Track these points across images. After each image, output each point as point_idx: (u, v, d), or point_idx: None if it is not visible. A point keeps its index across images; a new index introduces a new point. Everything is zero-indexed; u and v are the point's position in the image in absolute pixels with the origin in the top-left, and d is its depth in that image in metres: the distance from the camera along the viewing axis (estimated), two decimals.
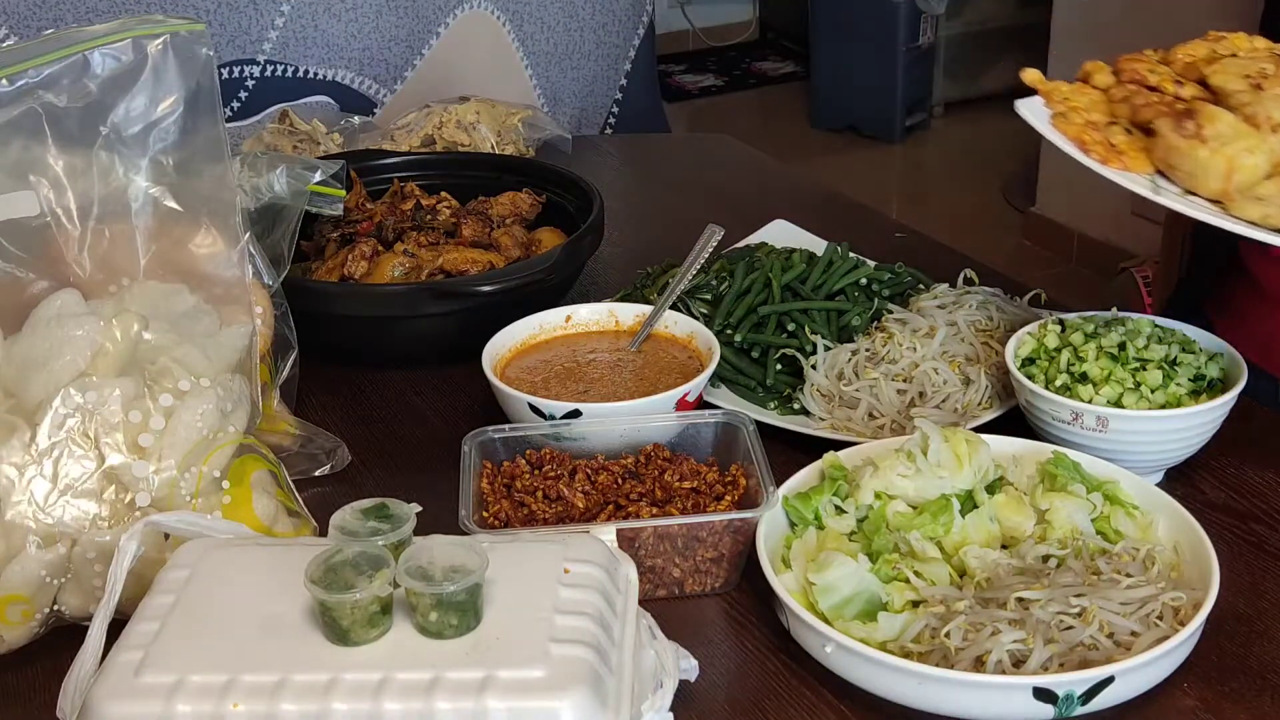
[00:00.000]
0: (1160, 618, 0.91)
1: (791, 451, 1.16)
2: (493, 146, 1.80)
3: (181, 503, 0.98)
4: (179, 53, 1.03)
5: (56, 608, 0.98)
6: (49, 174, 1.01)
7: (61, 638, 0.98)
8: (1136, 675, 0.88)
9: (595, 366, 1.23)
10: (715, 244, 1.32)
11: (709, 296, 1.34)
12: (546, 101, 2.17)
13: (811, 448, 1.14)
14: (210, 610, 0.84)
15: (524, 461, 1.08)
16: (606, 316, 1.29)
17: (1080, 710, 0.88)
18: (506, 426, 1.10)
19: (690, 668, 0.90)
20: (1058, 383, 1.12)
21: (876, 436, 1.18)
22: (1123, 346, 1.13)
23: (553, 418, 1.12)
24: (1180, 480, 1.14)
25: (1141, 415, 1.09)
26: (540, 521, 1.03)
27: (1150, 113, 1.08)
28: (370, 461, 1.22)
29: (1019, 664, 0.88)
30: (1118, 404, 1.10)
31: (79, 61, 1.00)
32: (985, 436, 1.05)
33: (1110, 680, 0.87)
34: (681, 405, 1.15)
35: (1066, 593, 0.91)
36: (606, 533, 0.97)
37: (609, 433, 1.10)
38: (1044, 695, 0.86)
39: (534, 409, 1.13)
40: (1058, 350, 1.15)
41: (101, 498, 0.97)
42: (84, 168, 1.02)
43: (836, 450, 1.08)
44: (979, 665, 0.88)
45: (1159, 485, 1.09)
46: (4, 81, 0.98)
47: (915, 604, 0.94)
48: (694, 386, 1.16)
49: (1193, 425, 1.10)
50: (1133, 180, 1.07)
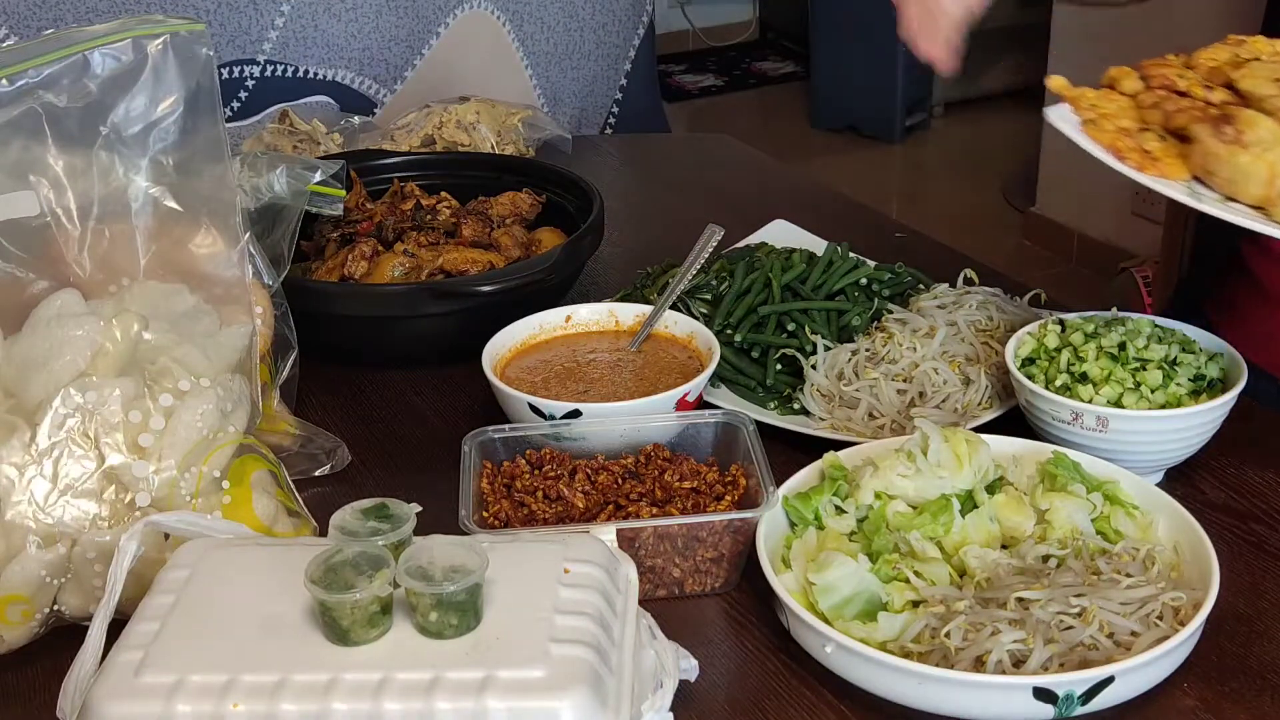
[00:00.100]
0: (1160, 618, 0.91)
1: (791, 451, 1.16)
2: (493, 146, 1.80)
3: (181, 503, 0.98)
4: (179, 53, 1.03)
5: (56, 608, 0.98)
6: (49, 174, 1.01)
7: (61, 638, 0.97)
8: (1136, 675, 0.88)
9: (595, 366, 1.23)
10: (715, 244, 1.32)
11: (709, 296, 1.34)
12: (546, 101, 2.17)
13: (811, 448, 1.14)
14: (210, 610, 0.84)
15: (524, 461, 1.08)
16: (606, 316, 1.29)
17: (1080, 710, 0.88)
18: (506, 426, 1.10)
19: (690, 668, 0.90)
20: (1058, 383, 1.12)
21: (876, 436, 1.18)
22: (1123, 346, 1.12)
23: (553, 418, 1.12)
24: (1180, 480, 1.14)
25: (1141, 415, 1.09)
26: (540, 521, 1.03)
27: (1184, 118, 1.07)
28: (370, 461, 1.22)
29: (1019, 664, 0.88)
30: (1118, 404, 1.10)
31: (79, 61, 1.00)
32: (985, 436, 1.05)
33: (1110, 680, 0.87)
34: (681, 405, 1.15)
35: (1066, 593, 0.91)
36: (606, 533, 0.97)
37: (609, 433, 1.10)
38: (1044, 695, 0.86)
39: (534, 409, 1.13)
40: (1058, 350, 1.15)
41: (101, 498, 0.97)
42: (84, 168, 1.02)
43: (836, 450, 1.08)
44: (979, 665, 0.88)
45: (1159, 485, 1.09)
46: (4, 81, 0.98)
47: (915, 604, 0.94)
48: (694, 386, 1.16)
49: (1193, 425, 1.10)
50: (1171, 187, 1.05)
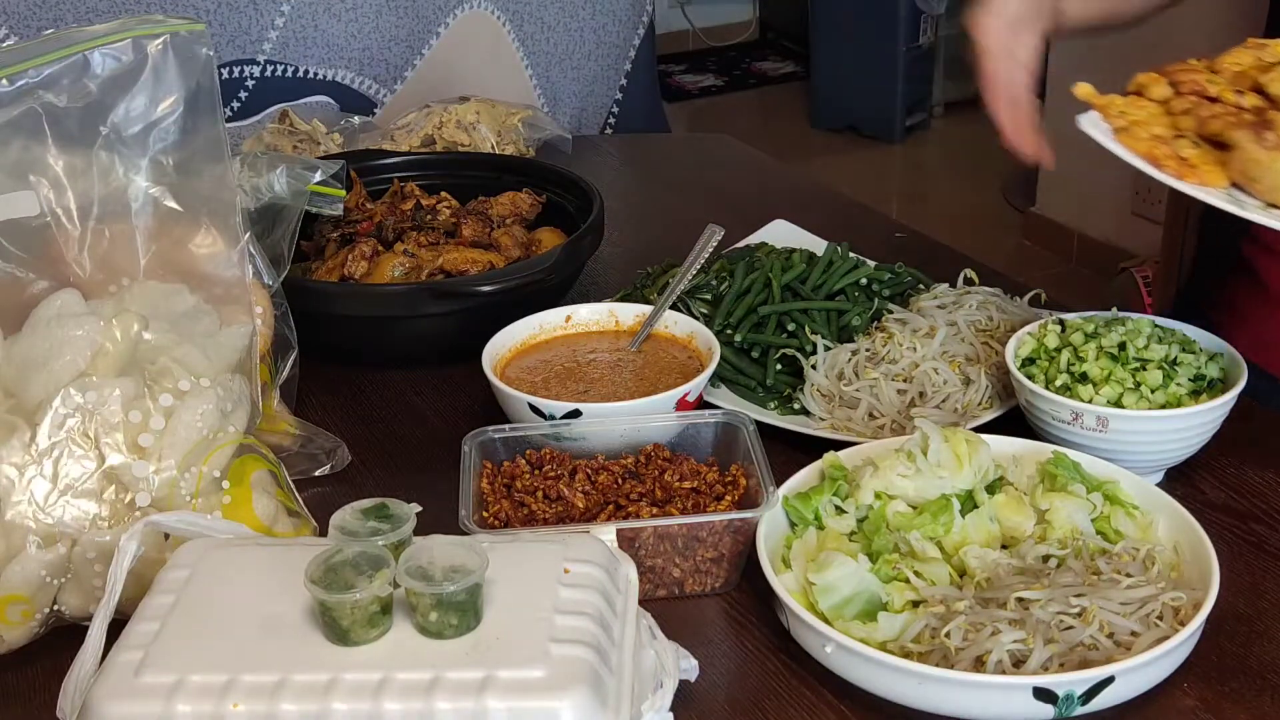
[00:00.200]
0: (1160, 618, 0.91)
1: (791, 451, 1.16)
2: (493, 146, 1.79)
3: (181, 503, 0.98)
4: (179, 53, 1.03)
5: (56, 608, 0.98)
6: (49, 174, 1.01)
7: (61, 638, 0.97)
8: (1136, 675, 0.88)
9: (595, 366, 1.23)
10: (715, 244, 1.32)
11: (709, 296, 1.34)
12: (546, 101, 2.17)
13: (811, 448, 1.14)
14: (210, 610, 0.84)
15: (524, 461, 1.08)
16: (606, 316, 1.29)
17: (1080, 710, 0.88)
18: (506, 426, 1.10)
19: (690, 668, 0.90)
20: (1058, 383, 1.12)
21: (876, 436, 1.18)
22: (1123, 346, 1.12)
23: (553, 418, 1.12)
24: (1180, 480, 1.14)
25: (1141, 415, 1.09)
26: (540, 521, 1.03)
27: (1219, 125, 1.05)
28: (370, 461, 1.22)
29: (1019, 664, 0.88)
30: (1118, 404, 1.10)
31: (79, 61, 1.00)
32: (985, 436, 1.05)
33: (1110, 680, 0.87)
34: (681, 405, 1.15)
35: (1066, 593, 0.91)
36: (606, 533, 0.97)
37: (609, 433, 1.10)
38: (1044, 695, 0.86)
39: (534, 409, 1.13)
40: (1058, 350, 1.15)
41: (101, 498, 0.97)
42: (84, 168, 1.01)
43: (836, 450, 1.08)
44: (979, 665, 0.88)
45: (1159, 485, 1.09)
46: (4, 81, 0.98)
47: (915, 604, 0.94)
48: (694, 386, 1.16)
49: (1193, 425, 1.10)
50: (1211, 194, 1.03)
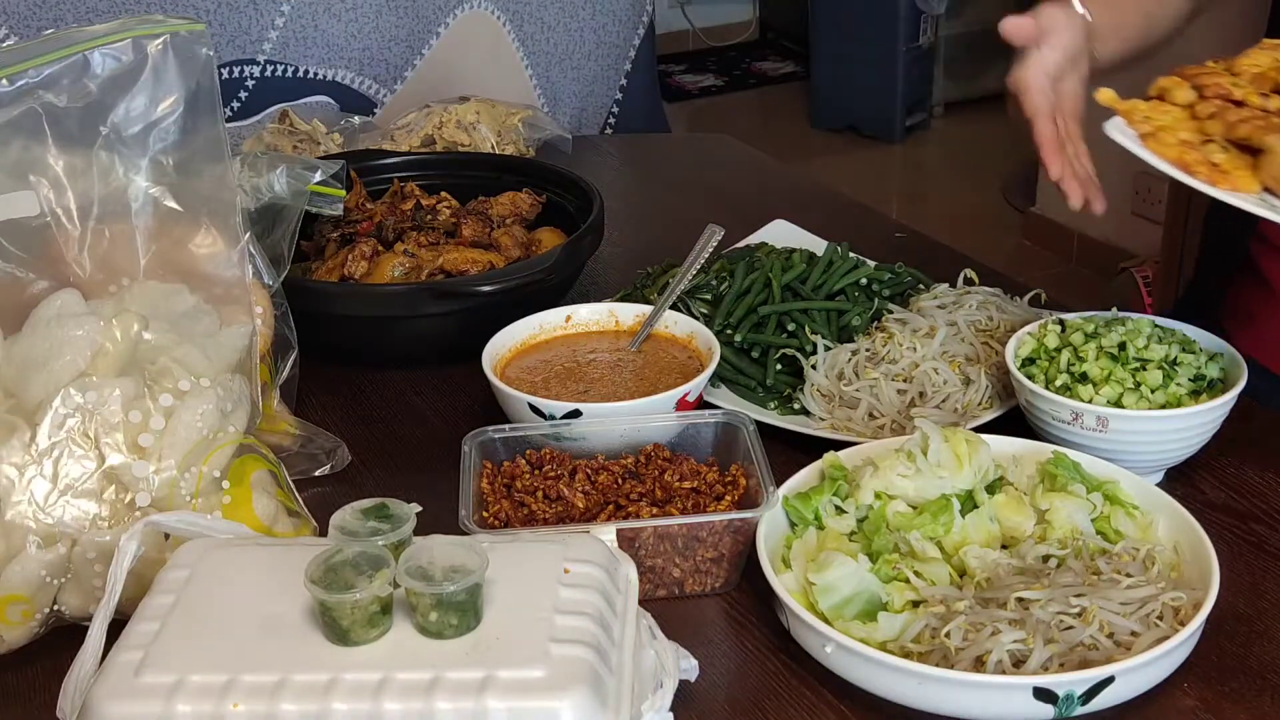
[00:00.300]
0: (1160, 618, 0.91)
1: (791, 451, 1.16)
2: (493, 146, 1.79)
3: (181, 503, 0.98)
4: (179, 53, 1.03)
5: (56, 608, 0.98)
6: (49, 174, 1.01)
7: (61, 638, 0.97)
8: (1136, 675, 0.88)
9: (595, 366, 1.23)
10: (715, 244, 1.32)
11: (709, 296, 1.34)
12: (546, 101, 2.17)
13: (811, 448, 1.14)
14: (210, 610, 0.84)
15: (524, 461, 1.08)
16: (606, 316, 1.29)
17: (1080, 710, 0.88)
18: (506, 426, 1.10)
19: (690, 668, 0.90)
20: (1058, 383, 1.12)
21: (876, 436, 1.18)
22: (1123, 346, 1.12)
23: (553, 418, 1.12)
24: (1180, 480, 1.14)
25: (1141, 415, 1.09)
26: (540, 521, 1.03)
27: (1248, 129, 1.04)
28: (370, 461, 1.22)
29: (1019, 664, 0.88)
30: (1118, 404, 1.10)
31: (79, 61, 1.00)
32: (985, 436, 1.05)
33: (1110, 680, 0.87)
34: (681, 405, 1.15)
35: (1066, 593, 0.91)
36: (606, 533, 0.97)
37: (609, 433, 1.10)
38: (1044, 695, 0.86)
39: (534, 409, 1.13)
40: (1058, 350, 1.15)
41: (101, 498, 0.97)
42: (84, 168, 1.02)
43: (836, 450, 1.08)
44: (979, 665, 0.88)
45: (1159, 485, 1.09)
46: (4, 81, 0.98)
47: (915, 604, 0.94)
48: (694, 386, 1.16)
49: (1193, 425, 1.10)
50: (1244, 200, 1.03)
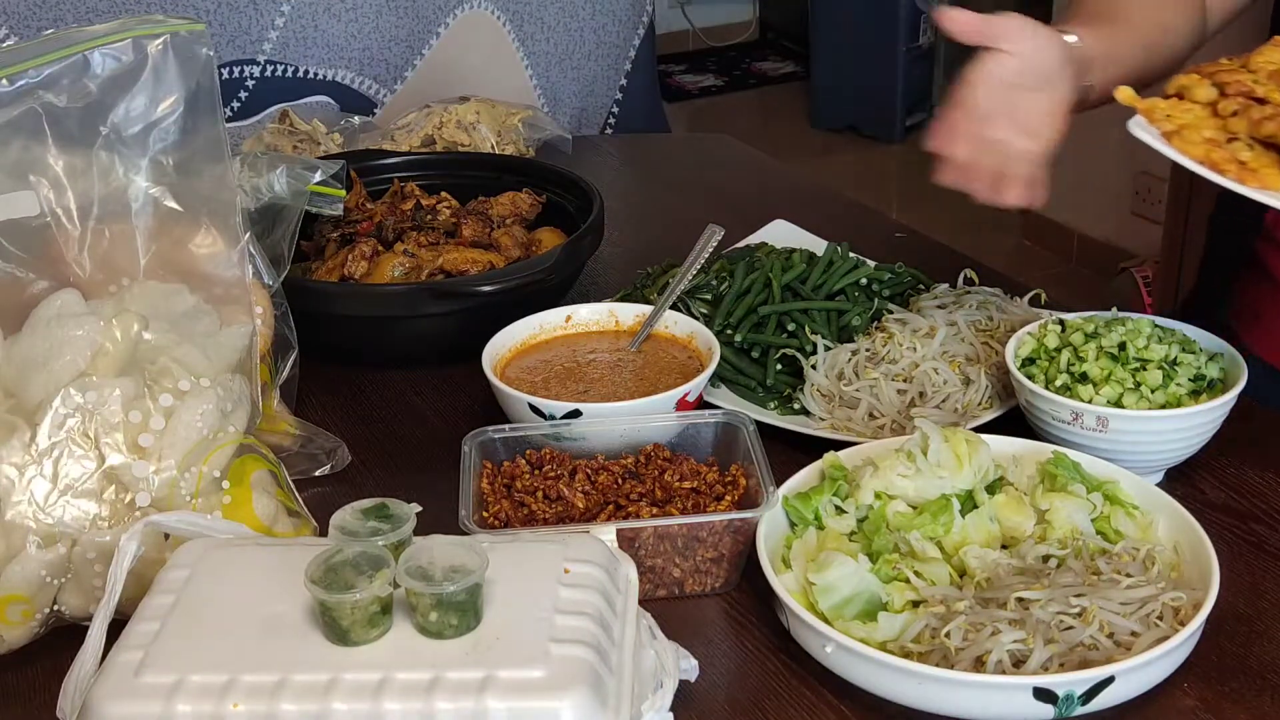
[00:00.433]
0: (1160, 618, 0.91)
1: (791, 451, 1.16)
2: (493, 146, 1.79)
3: (181, 503, 0.98)
4: (179, 53, 1.03)
5: (56, 608, 0.98)
6: (49, 174, 1.01)
7: (61, 638, 0.97)
8: (1136, 675, 0.88)
9: (595, 366, 1.23)
10: (715, 244, 1.32)
11: (709, 296, 1.34)
12: (546, 101, 2.17)
13: (811, 448, 1.14)
14: (210, 610, 0.84)
15: (524, 461, 1.08)
16: (606, 316, 1.29)
17: (1080, 710, 0.88)
18: (506, 426, 1.10)
19: (690, 668, 0.90)
20: (1058, 383, 1.12)
21: (876, 436, 1.18)
22: (1123, 346, 1.12)
23: (553, 418, 1.12)
24: (1180, 480, 1.14)
25: (1141, 415, 1.09)
26: (540, 521, 1.03)
27: (1273, 126, 1.04)
28: (370, 461, 1.22)
29: (1019, 664, 0.88)
30: (1118, 404, 1.10)
31: (79, 61, 1.00)
32: (985, 436, 1.05)
33: (1110, 680, 0.87)
34: (681, 405, 1.15)
35: (1066, 593, 0.91)
36: (606, 533, 0.97)
37: (609, 433, 1.10)
38: (1044, 695, 0.86)
39: (534, 409, 1.13)
40: (1058, 350, 1.15)
41: (101, 498, 0.97)
42: (84, 168, 1.01)
43: (836, 450, 1.08)
44: (979, 665, 0.88)
45: (1159, 485, 1.09)
46: (4, 81, 0.98)
47: (915, 604, 0.94)
48: (694, 386, 1.16)
49: (1193, 425, 1.10)
50: (1274, 198, 1.02)
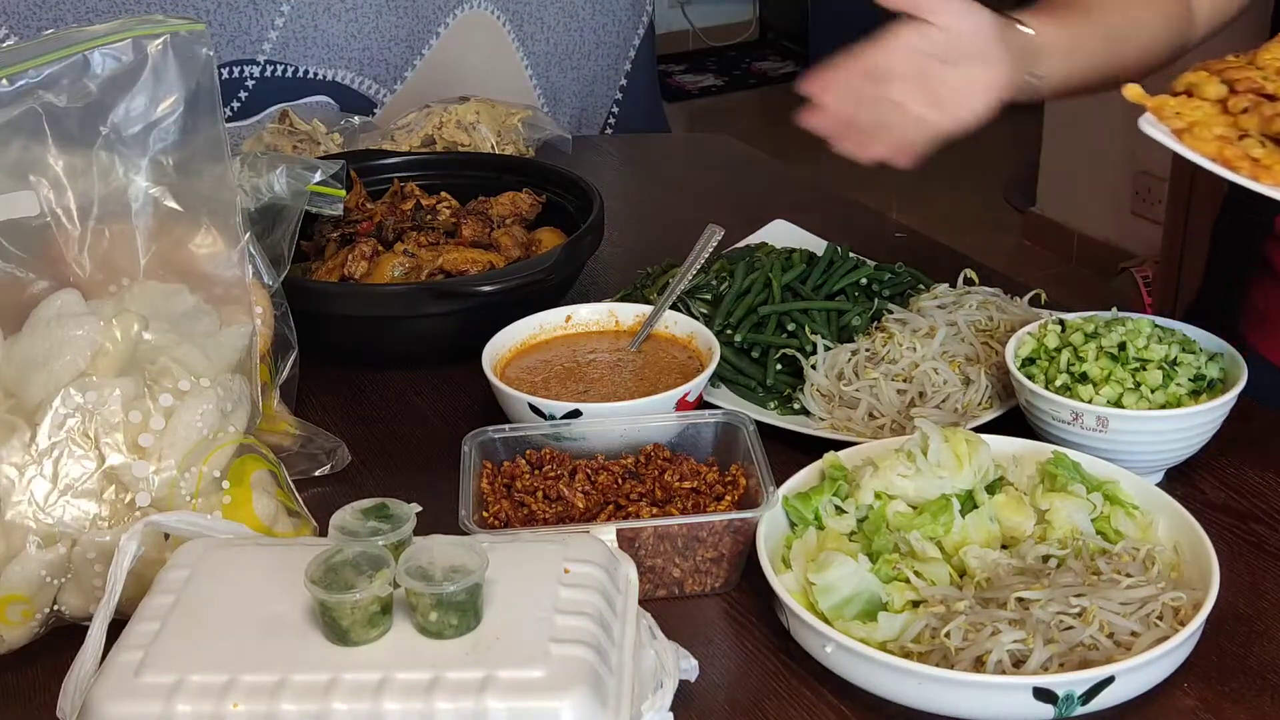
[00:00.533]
0: (1160, 618, 0.91)
1: (791, 451, 1.16)
2: (493, 146, 1.79)
3: (181, 503, 0.98)
4: (179, 53, 1.03)
5: (56, 608, 0.98)
6: (49, 174, 1.00)
7: (61, 638, 0.97)
8: (1136, 675, 0.88)
9: (595, 366, 1.23)
10: (715, 244, 1.32)
11: (709, 296, 1.34)
12: (546, 101, 2.17)
13: (811, 448, 1.14)
14: (210, 610, 0.84)
15: (524, 461, 1.08)
16: (606, 316, 1.29)
17: (1080, 710, 0.88)
18: (506, 426, 1.10)
19: (690, 668, 0.90)
20: (1058, 383, 1.12)
21: (876, 436, 1.18)
22: (1123, 346, 1.12)
23: (553, 418, 1.12)
24: (1180, 480, 1.14)
25: (1141, 415, 1.09)
26: (540, 521, 1.03)
27: None
28: (370, 461, 1.22)
29: (1019, 664, 0.88)
30: (1118, 404, 1.10)
31: (79, 61, 1.00)
32: (985, 436, 1.05)
33: (1110, 680, 0.87)
34: (681, 405, 1.15)
35: (1066, 593, 0.91)
36: (606, 533, 0.97)
37: (609, 433, 1.10)
38: (1044, 695, 0.86)
39: (534, 409, 1.13)
40: (1058, 350, 1.15)
41: (101, 498, 0.97)
42: (84, 168, 1.01)
43: (836, 450, 1.08)
44: (979, 665, 0.88)
45: (1159, 485, 1.09)
46: (4, 81, 0.98)
47: (915, 604, 0.94)
48: (694, 386, 1.16)
49: (1193, 425, 1.10)
50: None
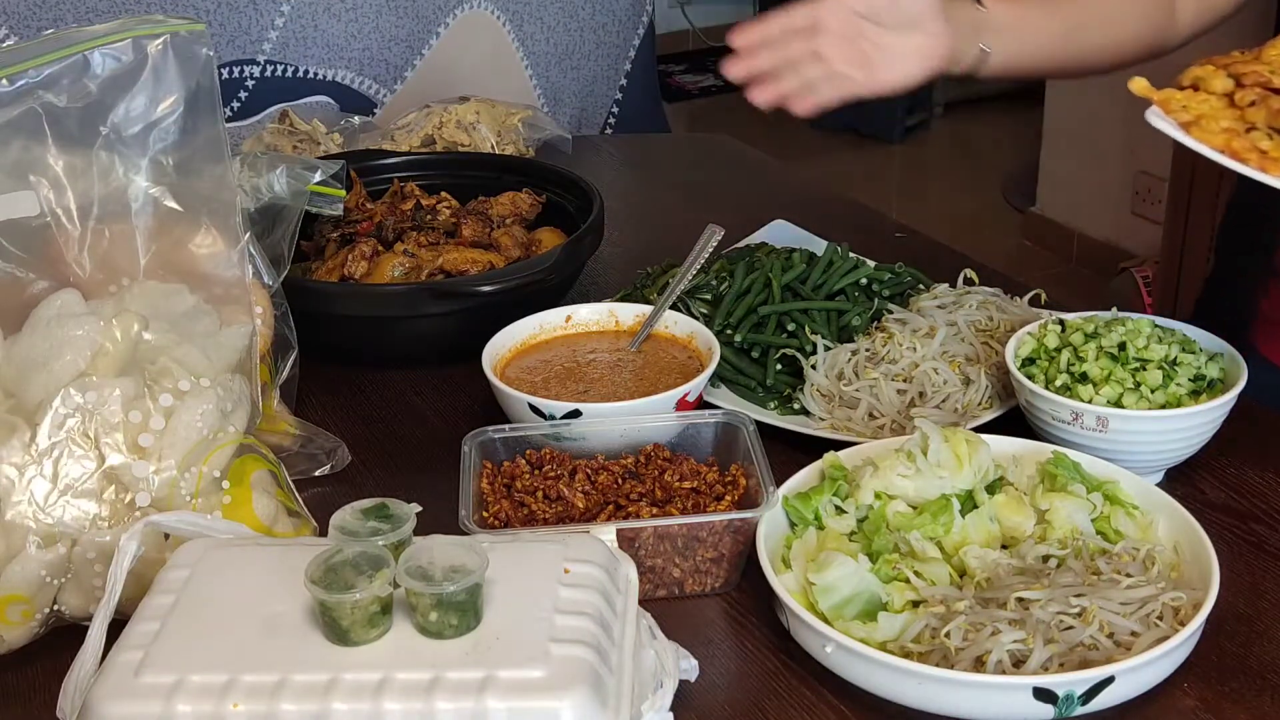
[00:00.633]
0: (1160, 618, 0.91)
1: (791, 451, 1.16)
2: (493, 146, 1.79)
3: (181, 503, 0.98)
4: (179, 53, 1.03)
5: (56, 608, 0.98)
6: (49, 174, 1.01)
7: (61, 638, 0.97)
8: (1136, 675, 0.88)
9: (595, 366, 1.23)
10: (715, 244, 1.32)
11: (709, 296, 1.34)
12: (546, 101, 2.17)
13: (811, 448, 1.14)
14: (210, 610, 0.84)
15: (524, 461, 1.08)
16: (606, 316, 1.29)
17: (1080, 710, 0.88)
18: (506, 426, 1.10)
19: (690, 668, 0.90)
20: (1058, 383, 1.12)
21: (876, 436, 1.18)
22: (1123, 346, 1.12)
23: (553, 418, 1.12)
24: (1180, 480, 1.14)
25: (1141, 415, 1.09)
26: (540, 521, 1.03)
27: None
28: (370, 461, 1.22)
29: (1019, 664, 0.88)
30: (1118, 404, 1.10)
31: (79, 61, 1.00)
32: (985, 436, 1.05)
33: (1110, 680, 0.87)
34: (681, 405, 1.15)
35: (1066, 593, 0.91)
36: (606, 533, 0.97)
37: (609, 433, 1.10)
38: (1044, 695, 0.86)
39: (534, 409, 1.13)
40: (1058, 350, 1.15)
41: (101, 498, 0.97)
42: (84, 168, 1.01)
43: (836, 450, 1.08)
44: (979, 665, 0.88)
45: (1159, 485, 1.09)
46: (4, 81, 0.98)
47: (915, 604, 0.94)
48: (694, 386, 1.16)
49: (1193, 425, 1.10)
50: None
